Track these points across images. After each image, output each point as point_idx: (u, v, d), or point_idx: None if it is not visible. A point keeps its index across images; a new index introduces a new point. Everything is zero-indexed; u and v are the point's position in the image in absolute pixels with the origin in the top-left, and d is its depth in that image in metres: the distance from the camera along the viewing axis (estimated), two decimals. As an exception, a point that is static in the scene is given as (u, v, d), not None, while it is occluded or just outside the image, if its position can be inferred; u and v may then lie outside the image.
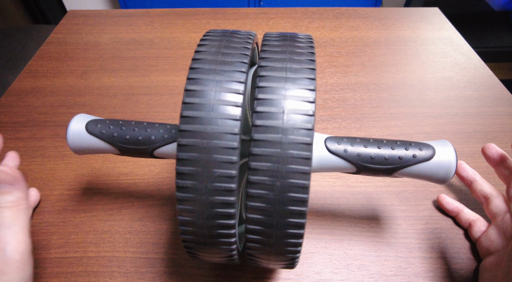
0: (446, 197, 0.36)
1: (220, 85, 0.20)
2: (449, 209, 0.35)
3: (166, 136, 0.25)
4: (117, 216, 0.36)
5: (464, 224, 0.34)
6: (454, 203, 0.35)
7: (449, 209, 0.35)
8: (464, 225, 0.34)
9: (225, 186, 0.20)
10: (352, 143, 0.24)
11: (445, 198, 0.36)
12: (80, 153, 0.27)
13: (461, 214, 0.34)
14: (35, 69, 0.55)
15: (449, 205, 0.35)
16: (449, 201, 0.35)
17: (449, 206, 0.35)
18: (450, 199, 0.35)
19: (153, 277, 0.31)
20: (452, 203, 0.35)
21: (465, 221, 0.34)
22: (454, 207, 0.35)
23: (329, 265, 0.32)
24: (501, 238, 0.30)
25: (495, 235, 0.30)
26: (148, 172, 0.40)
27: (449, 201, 0.35)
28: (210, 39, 0.23)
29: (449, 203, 0.35)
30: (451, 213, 0.35)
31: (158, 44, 0.60)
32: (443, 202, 0.35)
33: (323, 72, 0.54)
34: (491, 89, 0.51)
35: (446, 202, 0.35)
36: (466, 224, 0.34)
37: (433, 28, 0.64)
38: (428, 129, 0.45)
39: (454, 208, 0.35)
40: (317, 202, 0.37)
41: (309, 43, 0.23)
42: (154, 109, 0.48)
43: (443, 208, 0.36)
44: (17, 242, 0.23)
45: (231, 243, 0.21)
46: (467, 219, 0.34)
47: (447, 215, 0.36)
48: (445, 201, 0.35)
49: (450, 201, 0.35)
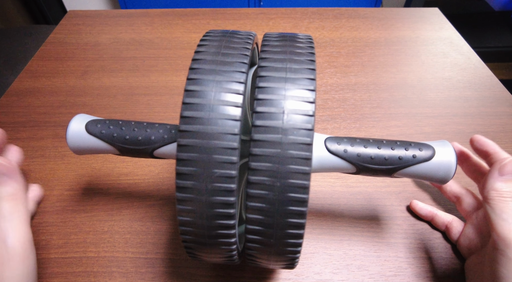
0: (418, 203, 0.35)
1: (220, 86, 0.20)
2: (423, 214, 0.35)
3: (166, 137, 0.25)
4: (117, 216, 0.36)
5: (441, 227, 0.34)
6: (427, 208, 0.35)
7: (423, 214, 0.35)
8: (441, 228, 0.34)
9: (225, 186, 0.20)
10: (352, 143, 0.24)
11: (417, 204, 0.35)
12: (80, 153, 0.27)
13: (436, 218, 0.34)
14: (35, 69, 0.55)
15: (422, 211, 0.35)
16: (422, 207, 0.35)
17: (422, 211, 0.35)
18: (422, 205, 0.35)
19: (153, 277, 0.31)
20: (425, 208, 0.35)
21: (441, 224, 0.34)
22: (427, 212, 0.35)
23: (329, 265, 0.32)
24: (479, 236, 0.30)
25: (472, 233, 0.31)
26: (148, 172, 0.40)
27: (422, 206, 0.35)
28: (210, 40, 0.23)
29: (422, 209, 0.35)
30: (425, 218, 0.35)
31: (158, 44, 0.60)
32: (416, 208, 0.35)
33: (323, 73, 0.54)
34: (491, 89, 0.51)
35: (419, 207, 0.35)
36: (443, 227, 0.34)
37: (433, 28, 0.64)
38: (428, 130, 0.45)
39: (427, 213, 0.35)
40: (317, 202, 0.37)
41: (309, 44, 0.23)
42: (154, 109, 0.48)
43: (417, 214, 0.35)
44: (17, 233, 0.24)
45: (231, 244, 0.21)
46: (442, 222, 0.34)
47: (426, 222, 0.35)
48: (418, 207, 0.35)
49: (423, 206, 0.35)
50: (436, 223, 0.34)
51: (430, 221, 0.35)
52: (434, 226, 0.35)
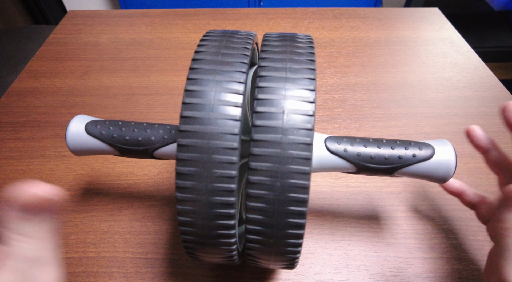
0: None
1: (220, 86, 0.20)
2: (449, 190, 0.32)
3: (166, 137, 0.25)
4: (117, 216, 0.36)
5: (468, 204, 0.31)
6: (455, 184, 0.32)
7: (449, 190, 0.32)
8: (468, 205, 0.32)
9: (225, 186, 0.20)
10: (352, 143, 0.24)
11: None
12: (80, 155, 0.27)
13: (464, 195, 0.31)
14: (35, 69, 0.55)
15: (449, 187, 0.32)
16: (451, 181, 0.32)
17: (448, 187, 0.32)
18: (452, 180, 0.32)
19: (153, 277, 0.31)
20: (453, 184, 0.32)
21: (468, 202, 0.31)
22: (455, 188, 0.32)
23: (329, 265, 0.32)
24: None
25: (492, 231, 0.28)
26: (148, 173, 0.40)
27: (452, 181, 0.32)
28: (210, 40, 0.23)
29: (449, 184, 0.32)
30: (455, 194, 0.32)
31: (158, 45, 0.60)
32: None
33: (323, 73, 0.54)
34: (491, 89, 0.51)
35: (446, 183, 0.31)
36: (470, 205, 0.31)
37: (433, 28, 0.64)
38: (428, 130, 0.45)
39: (454, 189, 0.32)
40: (317, 203, 0.37)
41: (309, 44, 0.23)
42: (154, 110, 0.48)
43: (446, 190, 0.33)
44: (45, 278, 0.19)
45: (231, 244, 0.21)
46: (470, 201, 0.31)
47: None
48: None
49: (453, 181, 0.32)
50: (464, 201, 0.32)
51: (458, 197, 0.32)
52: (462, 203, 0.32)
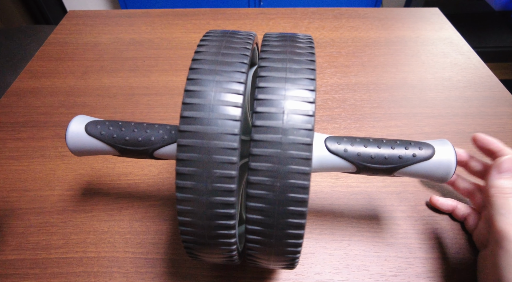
0: (439, 199, 0.36)
1: (220, 86, 0.20)
2: (444, 209, 0.36)
3: (166, 137, 0.25)
4: (117, 216, 0.36)
5: (460, 219, 0.35)
6: (447, 202, 0.35)
7: (444, 209, 0.36)
8: (461, 219, 0.35)
9: (225, 186, 0.20)
10: (352, 142, 0.24)
11: (438, 199, 0.36)
12: (80, 155, 0.27)
13: (456, 210, 0.35)
14: (35, 69, 0.55)
15: (444, 206, 0.35)
16: (443, 202, 0.35)
17: (444, 207, 0.35)
18: (443, 200, 0.36)
19: (153, 277, 0.31)
20: (446, 203, 0.35)
21: (461, 216, 0.35)
22: (448, 206, 0.35)
23: (329, 265, 0.32)
24: (488, 230, 0.30)
25: (484, 228, 0.31)
26: (148, 173, 0.40)
27: (443, 201, 0.35)
28: (210, 40, 0.23)
29: (443, 204, 0.35)
30: (446, 211, 0.36)
31: (158, 45, 0.60)
32: (438, 203, 0.36)
33: (323, 73, 0.54)
34: (491, 89, 0.51)
35: (441, 203, 0.35)
36: (462, 218, 0.35)
37: (433, 28, 0.64)
38: (428, 130, 0.45)
39: (449, 207, 0.35)
40: (317, 202, 0.37)
41: (309, 44, 0.23)
42: (154, 110, 0.48)
43: (438, 209, 0.36)
44: None
45: (231, 244, 0.21)
46: (462, 215, 0.35)
47: (447, 214, 0.36)
48: (439, 202, 0.36)
49: (444, 201, 0.35)
50: (456, 215, 0.35)
51: (451, 212, 0.36)
52: (454, 217, 0.35)
